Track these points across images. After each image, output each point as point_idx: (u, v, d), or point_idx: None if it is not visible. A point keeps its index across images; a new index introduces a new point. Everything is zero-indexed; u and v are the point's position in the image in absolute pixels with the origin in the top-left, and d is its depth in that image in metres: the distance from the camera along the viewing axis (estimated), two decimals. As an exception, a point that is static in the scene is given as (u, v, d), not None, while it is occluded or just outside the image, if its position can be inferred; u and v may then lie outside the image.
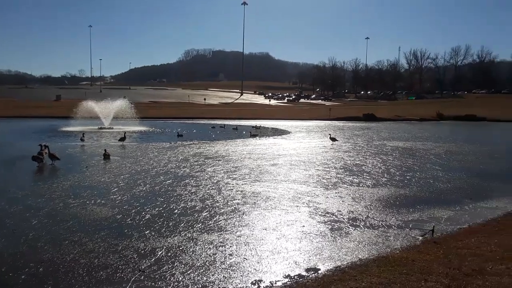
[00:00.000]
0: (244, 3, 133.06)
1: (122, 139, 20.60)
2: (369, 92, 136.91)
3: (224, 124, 34.97)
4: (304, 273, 5.53)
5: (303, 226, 7.61)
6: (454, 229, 7.50)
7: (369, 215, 8.37)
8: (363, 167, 14.14)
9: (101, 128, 30.04)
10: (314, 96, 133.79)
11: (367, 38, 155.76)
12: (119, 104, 34.10)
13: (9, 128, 31.87)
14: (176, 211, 8.41)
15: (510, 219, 7.90)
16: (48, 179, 11.77)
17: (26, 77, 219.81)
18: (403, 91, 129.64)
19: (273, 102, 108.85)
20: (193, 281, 5.26)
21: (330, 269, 5.59)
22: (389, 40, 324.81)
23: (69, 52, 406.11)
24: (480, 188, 11.27)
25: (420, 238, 6.98)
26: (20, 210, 8.26)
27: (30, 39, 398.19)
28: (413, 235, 7.18)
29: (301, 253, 6.27)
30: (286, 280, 5.33)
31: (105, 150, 15.62)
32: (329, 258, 6.09)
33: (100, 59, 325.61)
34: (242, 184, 11.06)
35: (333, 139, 22.28)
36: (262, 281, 5.31)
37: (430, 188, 11.05)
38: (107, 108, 33.45)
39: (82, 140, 20.94)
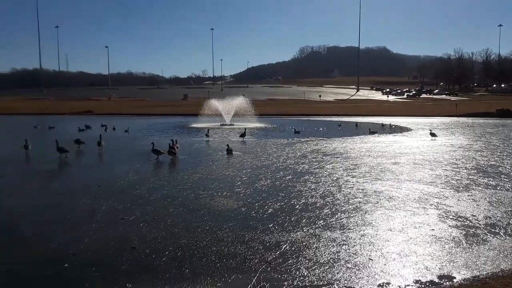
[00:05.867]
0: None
1: (243, 135, 21.59)
2: (502, 85, 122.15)
3: (359, 123, 33.97)
4: (437, 280, 5.18)
5: (433, 229, 7.13)
6: None
7: (510, 222, 7.51)
8: (500, 168, 12.72)
9: (222, 125, 31.87)
10: (437, 91, 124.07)
11: (500, 25, 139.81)
12: (239, 102, 35.85)
13: (146, 124, 35.55)
14: (297, 206, 8.53)
15: None
16: (180, 171, 12.84)
17: (158, 79, 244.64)
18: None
19: (391, 98, 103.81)
20: (318, 277, 5.28)
21: (467, 278, 5.15)
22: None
23: (194, 54, 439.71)
24: None
25: None
26: (158, 199, 9.16)
27: (160, 43, 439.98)
28: None
29: (432, 258, 5.88)
30: (417, 285, 5.05)
31: (227, 145, 16.51)
32: (465, 266, 5.61)
33: (221, 60, 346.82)
34: (363, 182, 10.77)
35: (433, 135, 21.93)
36: (390, 284, 5.11)
37: None
38: (228, 106, 35.39)
39: (207, 136, 22.51)
